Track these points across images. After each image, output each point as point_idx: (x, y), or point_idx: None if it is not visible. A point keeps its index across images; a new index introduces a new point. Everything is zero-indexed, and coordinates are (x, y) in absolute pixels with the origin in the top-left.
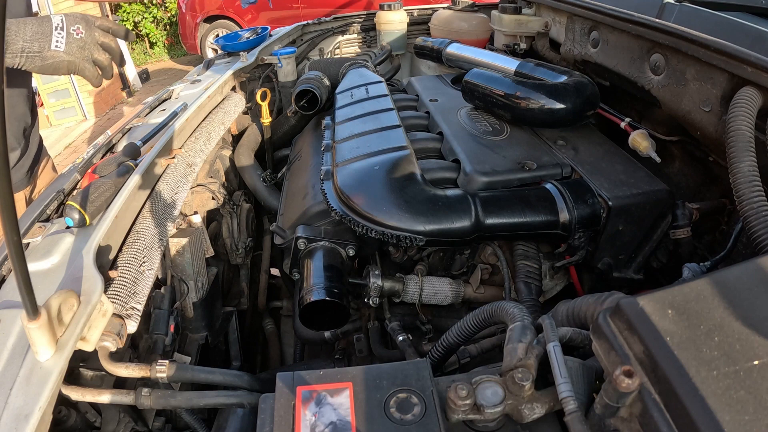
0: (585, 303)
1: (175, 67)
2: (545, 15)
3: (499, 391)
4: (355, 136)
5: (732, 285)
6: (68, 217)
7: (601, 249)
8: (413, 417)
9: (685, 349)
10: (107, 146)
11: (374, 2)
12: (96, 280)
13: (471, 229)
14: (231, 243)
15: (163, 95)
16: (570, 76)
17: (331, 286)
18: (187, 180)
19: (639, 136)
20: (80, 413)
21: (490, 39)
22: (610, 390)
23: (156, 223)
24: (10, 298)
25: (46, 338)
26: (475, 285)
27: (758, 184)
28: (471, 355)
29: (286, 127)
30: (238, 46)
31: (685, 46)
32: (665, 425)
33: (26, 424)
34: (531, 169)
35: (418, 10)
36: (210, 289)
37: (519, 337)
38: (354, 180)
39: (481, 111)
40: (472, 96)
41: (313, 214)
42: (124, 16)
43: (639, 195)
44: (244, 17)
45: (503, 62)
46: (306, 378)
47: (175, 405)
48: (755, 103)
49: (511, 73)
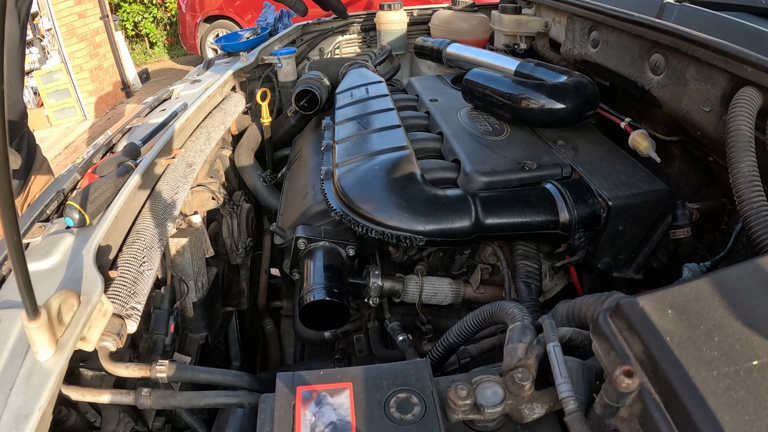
0: (585, 303)
1: (175, 67)
2: (545, 15)
3: (499, 391)
4: (355, 136)
5: (732, 285)
6: (68, 217)
7: (601, 249)
8: (413, 417)
9: (685, 349)
10: (107, 146)
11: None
12: (96, 280)
13: (471, 229)
14: (231, 243)
15: (163, 95)
16: (570, 76)
17: (331, 286)
18: (187, 180)
19: (639, 136)
20: (80, 413)
21: (490, 39)
22: (610, 390)
23: (156, 223)
24: (10, 298)
25: (46, 338)
26: (475, 285)
27: (758, 184)
28: (471, 355)
29: (286, 127)
30: (238, 46)
31: (685, 46)
32: (665, 425)
33: (26, 424)
34: (531, 169)
35: (418, 10)
36: (210, 289)
37: (519, 337)
38: (354, 180)
39: (481, 111)
40: (472, 96)
41: (313, 214)
42: (124, 16)
43: (639, 195)
44: (244, 17)
45: (503, 62)
46: (306, 378)
47: (175, 405)
48: (755, 103)
49: (511, 73)
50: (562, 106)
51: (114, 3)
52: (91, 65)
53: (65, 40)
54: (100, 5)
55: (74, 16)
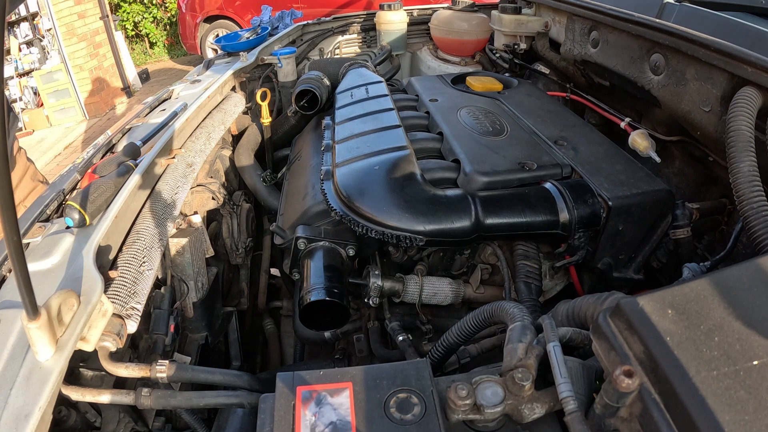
0: (585, 303)
1: (175, 67)
2: (545, 15)
3: (499, 391)
4: (355, 136)
5: (732, 285)
6: (68, 217)
7: (601, 249)
8: (413, 417)
9: (685, 349)
10: (107, 146)
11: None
12: (96, 280)
13: (471, 229)
14: (231, 243)
15: (163, 95)
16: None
17: (331, 286)
18: (187, 180)
19: (639, 136)
20: (80, 413)
21: (490, 39)
22: (610, 390)
23: (156, 223)
24: (10, 298)
25: (46, 338)
26: (475, 285)
27: (758, 184)
28: (471, 355)
29: (286, 127)
30: (238, 46)
31: (685, 46)
32: (665, 425)
33: (26, 424)
34: (531, 169)
35: (418, 10)
36: (210, 289)
37: (519, 337)
38: (354, 180)
39: (481, 111)
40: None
41: (313, 214)
42: (124, 16)
43: (639, 195)
44: (244, 17)
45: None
46: (306, 378)
47: (175, 405)
48: (755, 103)
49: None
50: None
51: (114, 3)
52: (91, 65)
53: (65, 40)
54: (100, 5)
55: (74, 16)
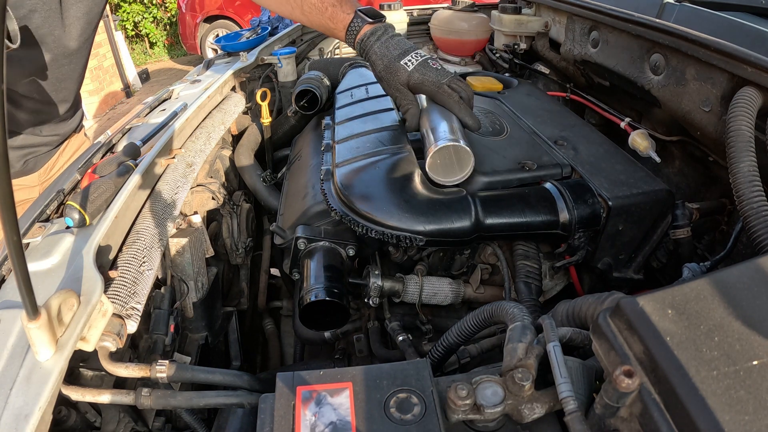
0: (585, 303)
1: (175, 67)
2: (545, 15)
3: (499, 391)
4: (356, 136)
5: (732, 285)
6: (68, 217)
7: (601, 249)
8: (413, 417)
9: (685, 349)
10: (107, 146)
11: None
12: (96, 280)
13: (471, 229)
14: (231, 243)
15: (163, 95)
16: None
17: (331, 286)
18: (187, 180)
19: (639, 136)
20: (80, 413)
21: (490, 39)
22: (610, 390)
23: (156, 223)
24: (10, 298)
25: (46, 338)
26: (475, 285)
27: (758, 184)
28: (471, 355)
29: (286, 127)
30: (238, 46)
31: (685, 46)
32: (665, 425)
33: (26, 424)
34: (531, 169)
35: (418, 10)
36: (210, 289)
37: (519, 337)
38: (354, 180)
39: (480, 111)
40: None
41: (313, 214)
42: (124, 16)
43: (639, 195)
44: (244, 17)
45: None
46: (306, 378)
47: (175, 405)
48: (755, 103)
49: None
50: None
51: (114, 3)
52: (91, 65)
53: None
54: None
55: None
